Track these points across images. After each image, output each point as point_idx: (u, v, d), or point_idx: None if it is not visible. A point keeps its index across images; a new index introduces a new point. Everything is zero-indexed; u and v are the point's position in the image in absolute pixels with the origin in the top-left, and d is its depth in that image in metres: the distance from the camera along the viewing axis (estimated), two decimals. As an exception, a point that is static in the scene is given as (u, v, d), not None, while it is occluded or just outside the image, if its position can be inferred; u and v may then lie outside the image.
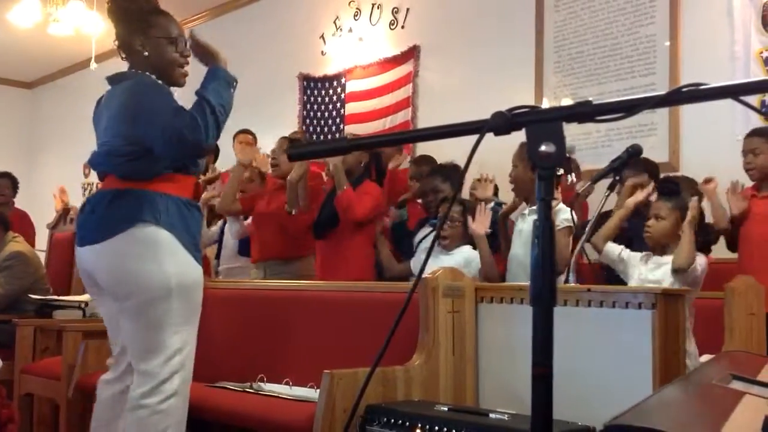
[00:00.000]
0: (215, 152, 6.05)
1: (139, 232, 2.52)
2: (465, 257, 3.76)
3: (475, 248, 3.80)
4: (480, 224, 3.71)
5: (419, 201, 4.61)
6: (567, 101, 5.37)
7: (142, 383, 2.53)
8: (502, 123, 0.99)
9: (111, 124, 2.62)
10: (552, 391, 0.93)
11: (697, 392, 1.00)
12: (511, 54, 5.72)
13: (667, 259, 3.19)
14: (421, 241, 4.52)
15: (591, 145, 5.16)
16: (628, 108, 0.97)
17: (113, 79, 2.74)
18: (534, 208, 3.64)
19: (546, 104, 5.46)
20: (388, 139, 1.29)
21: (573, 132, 5.15)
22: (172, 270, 2.54)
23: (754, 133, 3.93)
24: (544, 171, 0.97)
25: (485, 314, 2.92)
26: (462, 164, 4.62)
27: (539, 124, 0.98)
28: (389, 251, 4.26)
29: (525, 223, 3.70)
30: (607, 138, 5.13)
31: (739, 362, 1.42)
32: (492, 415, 2.33)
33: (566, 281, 3.18)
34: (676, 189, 3.32)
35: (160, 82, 2.70)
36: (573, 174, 3.90)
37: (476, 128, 1.00)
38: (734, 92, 0.92)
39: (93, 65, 6.70)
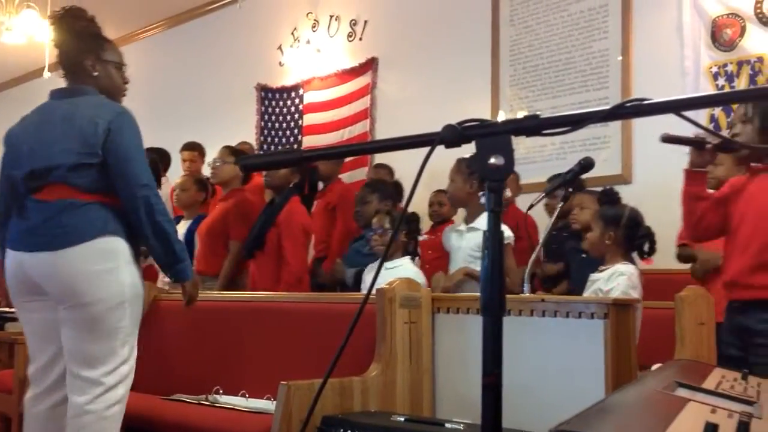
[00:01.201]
0: (167, 163, 6.01)
1: (104, 242, 2.59)
2: (401, 276, 3.70)
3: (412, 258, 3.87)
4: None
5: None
6: (523, 114, 5.44)
7: (87, 391, 2.55)
8: (453, 136, 1.01)
9: (81, 139, 2.61)
10: (501, 398, 0.95)
11: (641, 399, 1.03)
12: (467, 67, 5.79)
13: (597, 276, 3.24)
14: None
15: (546, 158, 5.24)
16: (574, 122, 1.00)
17: (66, 93, 2.76)
18: (471, 225, 3.68)
19: (502, 116, 5.53)
20: (339, 151, 1.30)
21: (528, 145, 5.24)
22: (128, 281, 2.62)
23: None
24: (493, 183, 0.99)
25: (442, 324, 2.94)
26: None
27: (488, 137, 1.00)
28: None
29: (463, 240, 3.73)
30: (561, 150, 5.21)
31: (686, 370, 1.45)
32: (448, 425, 2.35)
33: (521, 291, 3.21)
34: (609, 200, 3.38)
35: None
36: (508, 188, 3.99)
37: (427, 141, 1.02)
38: (675, 107, 0.95)
39: (46, 74, 6.62)
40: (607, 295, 3.05)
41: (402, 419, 2.43)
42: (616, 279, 3.15)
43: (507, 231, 3.67)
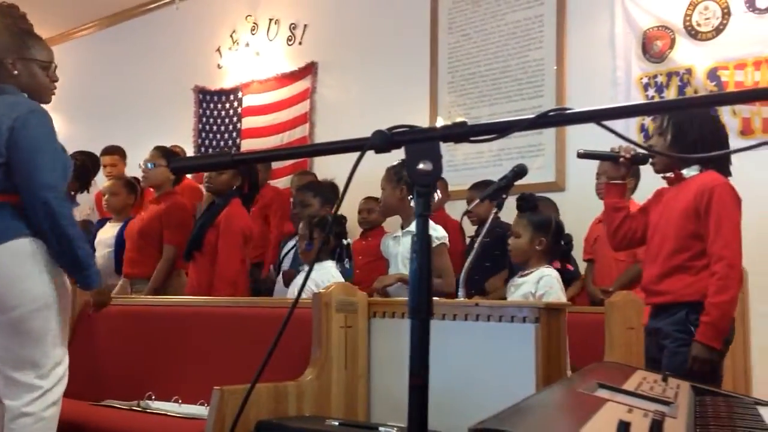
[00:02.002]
0: (96, 167, 5.91)
1: (22, 244, 2.54)
2: (315, 278, 3.72)
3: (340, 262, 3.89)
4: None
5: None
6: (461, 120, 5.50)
7: (22, 395, 2.52)
8: (383, 141, 1.03)
9: None
10: (427, 399, 0.96)
11: (561, 399, 1.06)
12: (407, 73, 5.83)
13: (523, 280, 3.30)
14: (285, 255, 4.56)
15: (483, 164, 5.31)
16: (500, 130, 1.03)
17: None
18: (407, 230, 3.72)
19: (441, 123, 5.58)
20: (271, 154, 1.29)
21: (466, 151, 5.30)
22: (51, 282, 2.59)
23: None
24: (421, 188, 1.01)
25: (378, 329, 2.95)
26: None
27: (417, 143, 1.02)
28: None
29: (399, 245, 3.77)
30: (498, 158, 5.29)
31: (609, 372, 1.50)
32: (381, 429, 2.36)
33: (456, 296, 3.24)
34: (530, 205, 3.45)
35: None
36: (438, 192, 4.06)
37: (357, 146, 1.04)
38: (596, 117, 0.99)
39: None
40: (541, 299, 3.11)
41: (336, 423, 2.44)
42: (548, 283, 3.22)
43: (441, 231, 3.71)
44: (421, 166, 1.01)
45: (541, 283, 3.22)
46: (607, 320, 3.33)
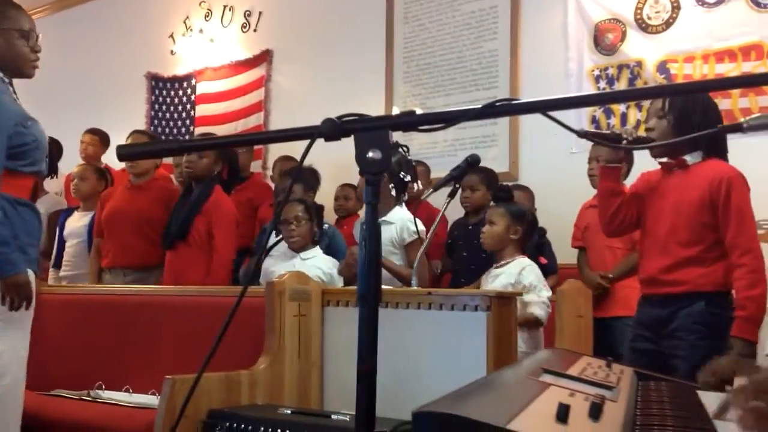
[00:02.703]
0: (59, 152, 5.80)
1: None
2: (321, 266, 3.74)
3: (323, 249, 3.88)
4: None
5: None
6: (417, 110, 5.52)
7: None
8: (332, 129, 1.04)
9: None
10: (375, 386, 0.98)
11: (506, 383, 1.08)
12: (362, 62, 5.83)
13: (500, 271, 3.34)
14: (273, 246, 4.51)
15: (438, 154, 5.33)
16: (448, 120, 1.04)
17: None
18: (383, 218, 3.73)
19: (396, 112, 5.59)
20: (223, 141, 1.30)
21: (422, 141, 5.32)
22: None
23: None
24: (371, 177, 1.02)
25: (332, 317, 2.96)
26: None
27: (367, 132, 1.03)
28: None
29: None
30: (453, 148, 5.33)
31: (555, 358, 1.53)
32: (334, 417, 2.38)
33: (409, 284, 3.26)
34: (507, 195, 3.49)
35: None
36: (419, 182, 4.06)
37: (307, 134, 1.04)
38: (541, 108, 1.01)
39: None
40: (526, 289, 3.17)
41: (289, 412, 2.45)
42: (531, 272, 3.26)
43: (420, 225, 3.73)
44: (370, 154, 1.02)
45: (525, 273, 3.24)
46: (558, 308, 3.39)
